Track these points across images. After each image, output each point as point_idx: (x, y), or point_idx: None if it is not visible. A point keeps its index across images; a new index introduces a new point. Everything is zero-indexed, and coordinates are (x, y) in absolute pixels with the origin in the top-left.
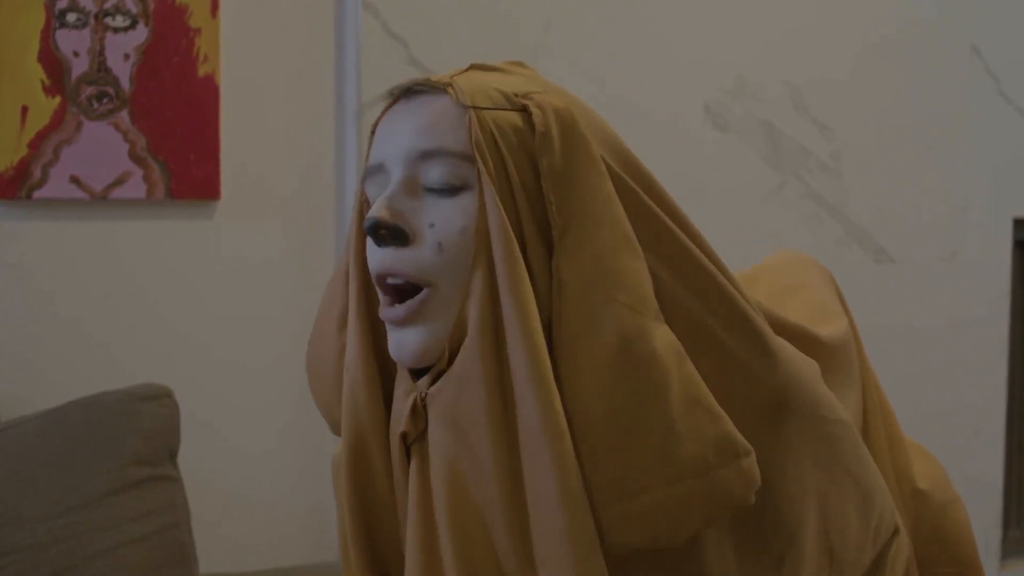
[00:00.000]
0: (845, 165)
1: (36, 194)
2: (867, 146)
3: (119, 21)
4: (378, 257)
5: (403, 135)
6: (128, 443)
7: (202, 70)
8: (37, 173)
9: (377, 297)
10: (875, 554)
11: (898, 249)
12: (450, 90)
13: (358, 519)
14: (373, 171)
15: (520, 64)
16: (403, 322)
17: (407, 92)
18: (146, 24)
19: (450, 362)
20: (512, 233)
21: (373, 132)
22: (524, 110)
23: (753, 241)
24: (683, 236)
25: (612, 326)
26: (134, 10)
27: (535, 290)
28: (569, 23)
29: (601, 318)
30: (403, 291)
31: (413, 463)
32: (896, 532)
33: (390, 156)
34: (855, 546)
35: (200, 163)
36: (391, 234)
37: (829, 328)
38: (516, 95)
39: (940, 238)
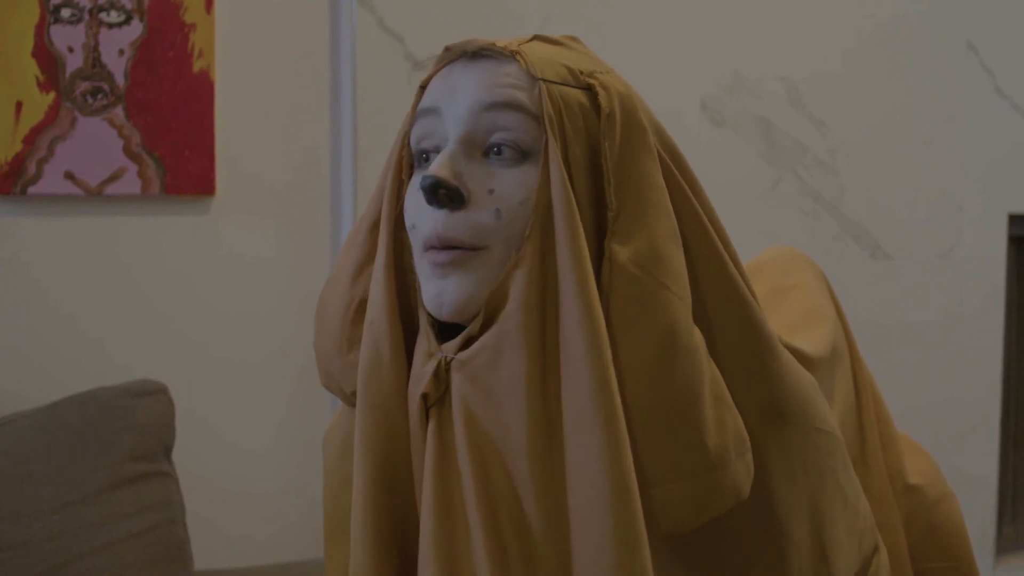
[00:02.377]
0: (841, 161)
1: (31, 190)
2: (863, 142)
3: (114, 16)
4: (431, 219)
5: (467, 91)
6: (123, 439)
7: (197, 66)
8: (32, 169)
9: (405, 248)
10: (858, 568)
11: (894, 245)
12: (519, 58)
13: (376, 481)
14: (424, 114)
15: (578, 40)
16: (448, 267)
17: (470, 55)
18: (141, 19)
19: (483, 329)
20: (577, 213)
21: (423, 87)
22: (589, 89)
23: (749, 237)
24: (716, 237)
25: (663, 313)
26: (129, 5)
27: None
28: (567, 19)
29: (654, 304)
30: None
31: (431, 426)
32: (876, 550)
33: (448, 107)
34: (844, 560)
35: (195, 159)
36: (450, 195)
37: (817, 335)
38: (582, 72)
39: (936, 234)
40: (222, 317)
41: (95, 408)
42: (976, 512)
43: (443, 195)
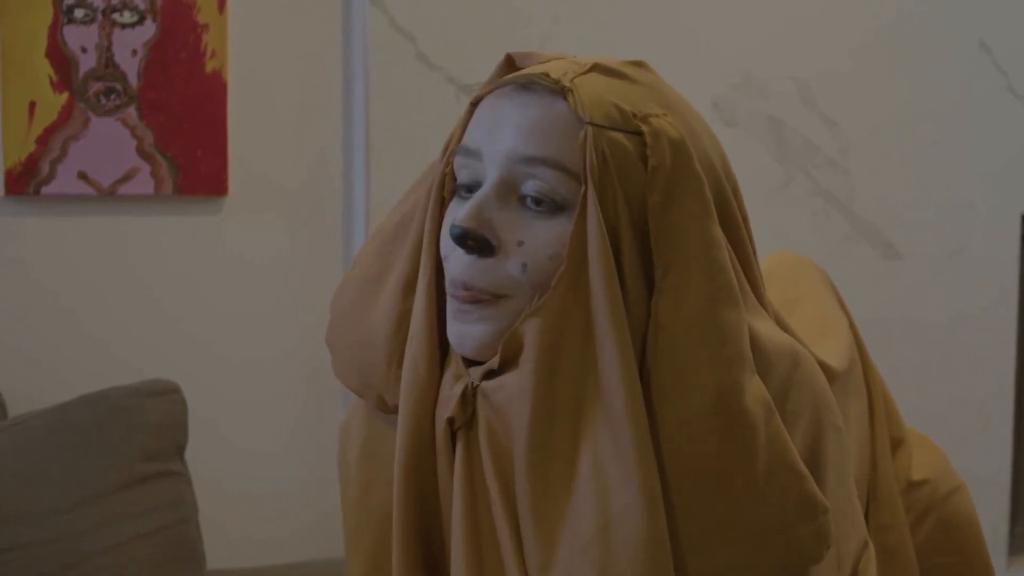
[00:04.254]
0: (853, 161)
1: (44, 190)
2: (875, 142)
3: (127, 17)
4: (460, 264)
5: (508, 132)
6: (136, 439)
7: (210, 66)
8: (45, 169)
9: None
10: (853, 561)
11: (906, 245)
12: (570, 97)
13: (408, 491)
14: (467, 153)
15: (642, 66)
16: (470, 314)
17: (520, 84)
18: (154, 20)
19: (501, 367)
20: (614, 267)
21: (474, 104)
22: (640, 134)
23: (760, 237)
24: (758, 272)
25: (709, 380)
26: (142, 6)
27: (629, 325)
28: (577, 18)
29: (698, 370)
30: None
31: (459, 450)
32: (866, 545)
33: (489, 149)
34: (846, 549)
35: (208, 159)
36: (478, 245)
37: (835, 346)
38: (635, 115)
39: (948, 234)
40: (233, 318)
41: (106, 408)
42: (988, 513)
43: (471, 245)
